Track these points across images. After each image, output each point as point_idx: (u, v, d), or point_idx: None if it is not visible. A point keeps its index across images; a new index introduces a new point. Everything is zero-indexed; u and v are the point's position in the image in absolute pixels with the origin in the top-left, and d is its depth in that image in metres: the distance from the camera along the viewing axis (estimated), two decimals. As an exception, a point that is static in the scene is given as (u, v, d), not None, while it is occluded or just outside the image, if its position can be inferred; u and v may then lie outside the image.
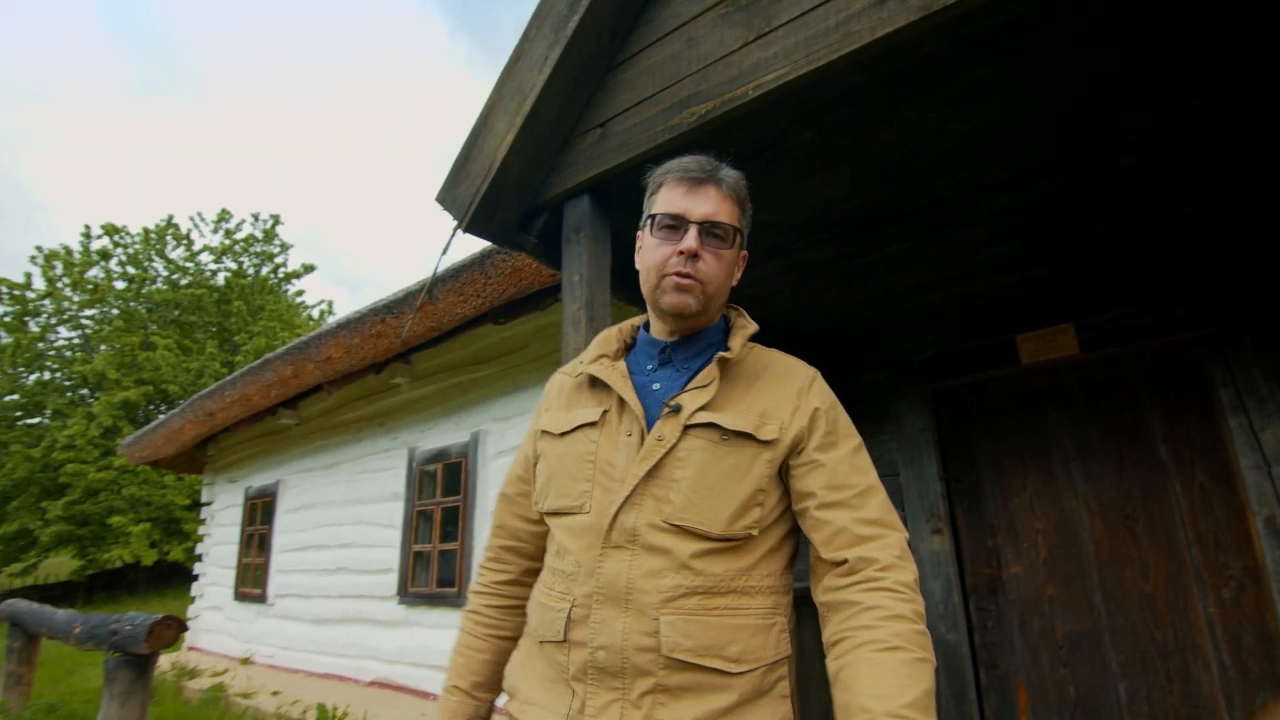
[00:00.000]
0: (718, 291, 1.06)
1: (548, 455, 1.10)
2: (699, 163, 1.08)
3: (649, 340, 1.13)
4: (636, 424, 1.03)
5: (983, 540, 2.77)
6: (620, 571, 0.96)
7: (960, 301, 2.60)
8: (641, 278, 1.10)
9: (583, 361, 1.13)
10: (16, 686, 5.01)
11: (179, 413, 6.28)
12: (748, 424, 1.01)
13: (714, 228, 1.05)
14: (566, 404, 1.13)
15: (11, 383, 16.40)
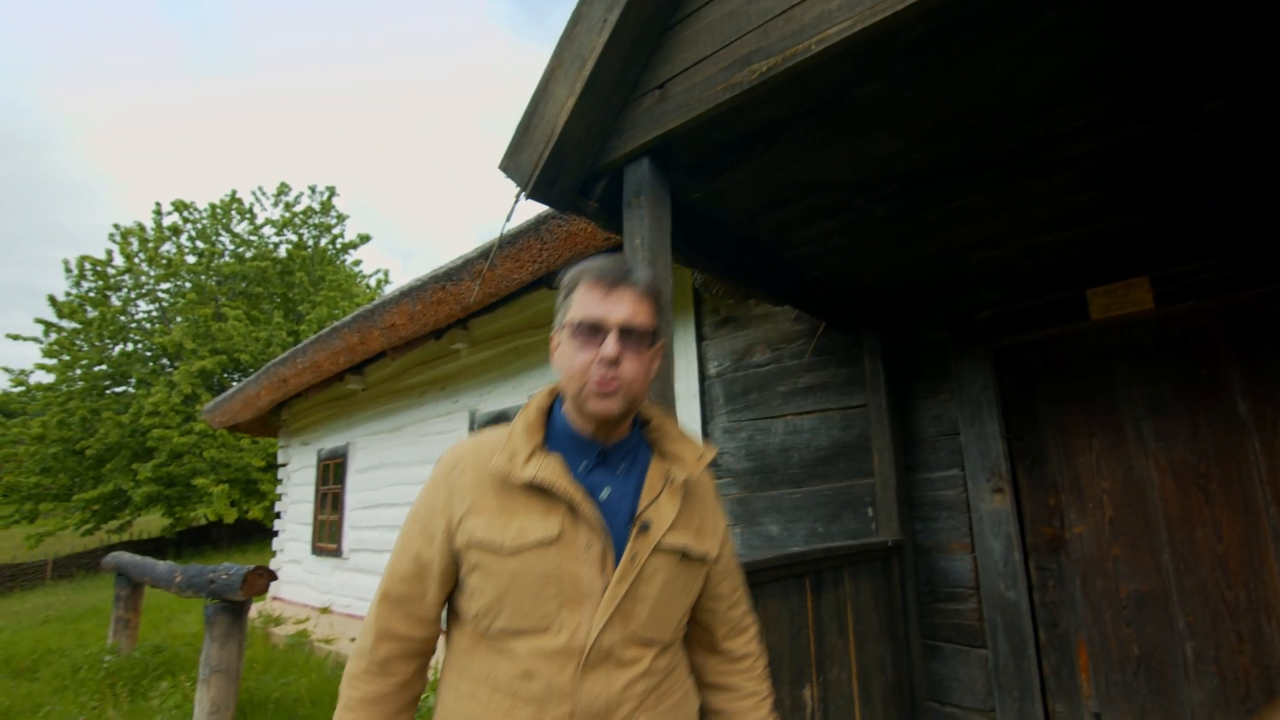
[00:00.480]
0: (640, 392, 1.09)
1: (491, 571, 1.02)
2: (613, 266, 1.09)
3: (577, 437, 1.10)
4: (597, 538, 1.03)
5: (1044, 500, 2.74)
6: (600, 691, 1.01)
7: (1027, 256, 2.52)
8: (562, 380, 1.09)
9: (515, 458, 1.04)
10: (125, 630, 5.51)
11: (255, 379, 6.64)
12: (703, 545, 1.14)
13: (633, 330, 1.05)
14: (500, 507, 1.04)
15: (100, 354, 17.54)
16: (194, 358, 16.80)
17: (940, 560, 2.76)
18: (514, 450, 1.04)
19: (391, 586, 1.09)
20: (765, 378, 3.39)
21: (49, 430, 16.47)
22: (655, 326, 1.11)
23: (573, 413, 1.10)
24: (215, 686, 3.49)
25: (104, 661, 5.04)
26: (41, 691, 4.94)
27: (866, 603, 2.48)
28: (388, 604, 1.08)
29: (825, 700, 2.13)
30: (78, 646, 6.67)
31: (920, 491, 2.85)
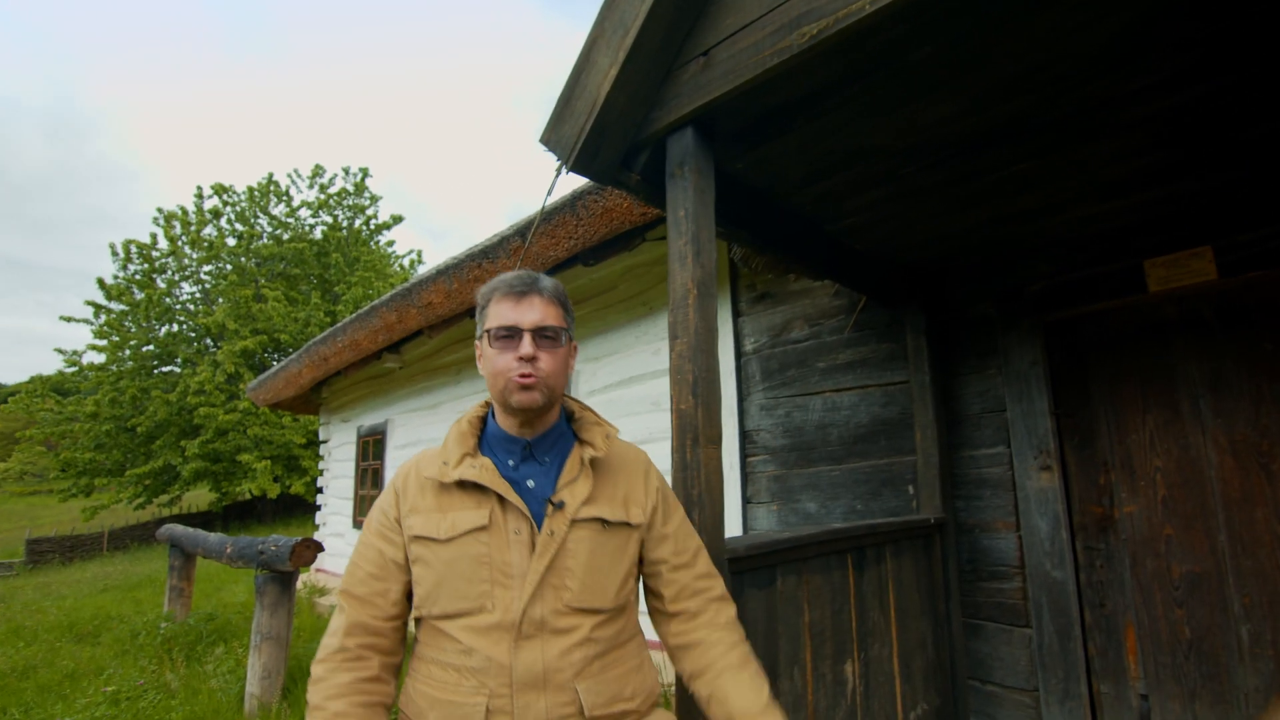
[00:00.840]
0: (558, 384, 1.23)
1: (430, 561, 1.15)
2: (520, 278, 1.24)
3: (505, 437, 1.25)
4: (524, 522, 1.16)
5: (1094, 478, 2.66)
6: (535, 659, 1.11)
7: (1082, 225, 2.43)
8: (488, 382, 1.23)
9: (447, 463, 1.19)
10: (179, 599, 5.75)
11: (296, 358, 6.80)
12: (622, 513, 1.24)
13: (545, 331, 1.21)
14: (437, 505, 1.18)
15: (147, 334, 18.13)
16: (236, 338, 17.27)
17: (983, 539, 2.71)
18: (447, 457, 1.20)
19: (355, 587, 1.20)
20: (803, 354, 3.35)
21: (102, 408, 17.15)
22: (565, 327, 1.26)
23: (500, 413, 1.25)
24: (266, 652, 3.62)
25: (160, 628, 5.27)
26: (103, 655, 5.20)
27: (908, 580, 2.45)
28: (355, 603, 1.19)
29: (867, 676, 2.13)
30: (135, 613, 6.99)
31: (963, 469, 2.80)
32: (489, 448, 1.25)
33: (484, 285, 1.28)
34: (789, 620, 1.84)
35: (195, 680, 4.16)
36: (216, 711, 3.60)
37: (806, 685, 1.87)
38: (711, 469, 1.55)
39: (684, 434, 1.57)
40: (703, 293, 1.62)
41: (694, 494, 1.53)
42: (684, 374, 1.59)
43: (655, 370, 3.90)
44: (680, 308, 1.63)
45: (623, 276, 4.16)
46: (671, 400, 1.61)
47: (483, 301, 1.26)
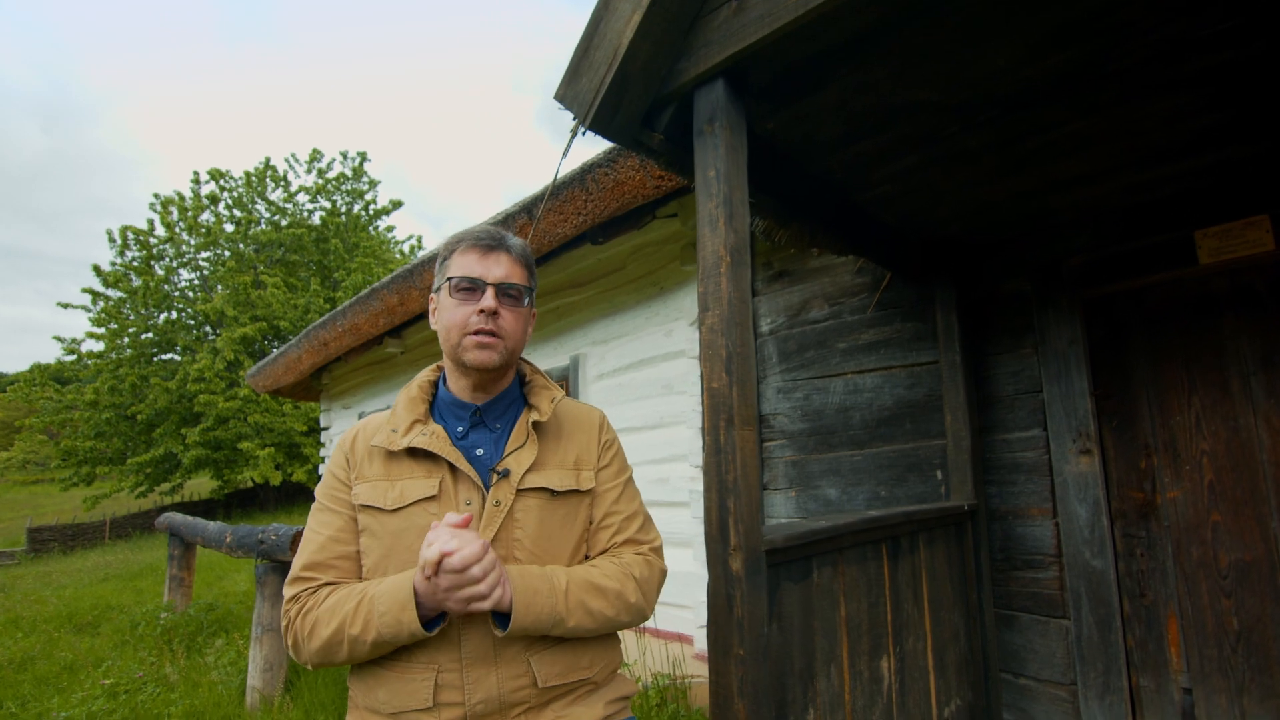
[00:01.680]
0: (516, 345, 1.18)
1: (377, 532, 1.09)
2: (489, 233, 1.18)
3: (456, 402, 1.19)
4: (476, 491, 1.11)
5: (1135, 462, 2.53)
6: (485, 634, 1.06)
7: (1131, 193, 2.28)
8: (441, 337, 1.17)
9: (396, 430, 1.13)
10: (179, 588, 5.65)
11: (295, 343, 6.66)
12: (572, 480, 1.19)
13: (509, 289, 1.16)
14: (385, 473, 1.12)
15: (145, 322, 17.99)
16: (235, 325, 17.13)
17: (1017, 526, 2.58)
18: (396, 424, 1.14)
19: (314, 554, 1.11)
20: (823, 334, 3.21)
21: (101, 396, 17.05)
22: (529, 287, 1.20)
23: (453, 376, 1.19)
24: (268, 645, 3.51)
25: (160, 618, 5.18)
26: (103, 646, 5.10)
27: (941, 570, 2.33)
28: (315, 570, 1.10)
29: (902, 672, 2.01)
30: (136, 603, 6.91)
31: (995, 453, 2.66)
32: (439, 414, 1.20)
33: (447, 239, 1.22)
34: (825, 615, 1.71)
35: (195, 672, 4.06)
36: (217, 705, 3.50)
37: (844, 684, 1.75)
38: (747, 453, 1.42)
39: (717, 415, 1.43)
40: (736, 260, 1.48)
41: (729, 480, 1.40)
42: (716, 349, 1.45)
43: (667, 353, 3.76)
44: (711, 277, 1.49)
45: (631, 256, 4.01)
46: (702, 378, 1.47)
47: (445, 252, 1.20)
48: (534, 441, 1.18)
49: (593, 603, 1.11)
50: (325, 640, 1.01)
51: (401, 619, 0.98)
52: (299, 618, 1.05)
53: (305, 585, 1.08)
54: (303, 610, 1.06)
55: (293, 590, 1.08)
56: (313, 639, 1.03)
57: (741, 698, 1.35)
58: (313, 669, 1.11)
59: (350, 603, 1.02)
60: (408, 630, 0.98)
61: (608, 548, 1.24)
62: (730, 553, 1.38)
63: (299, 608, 1.06)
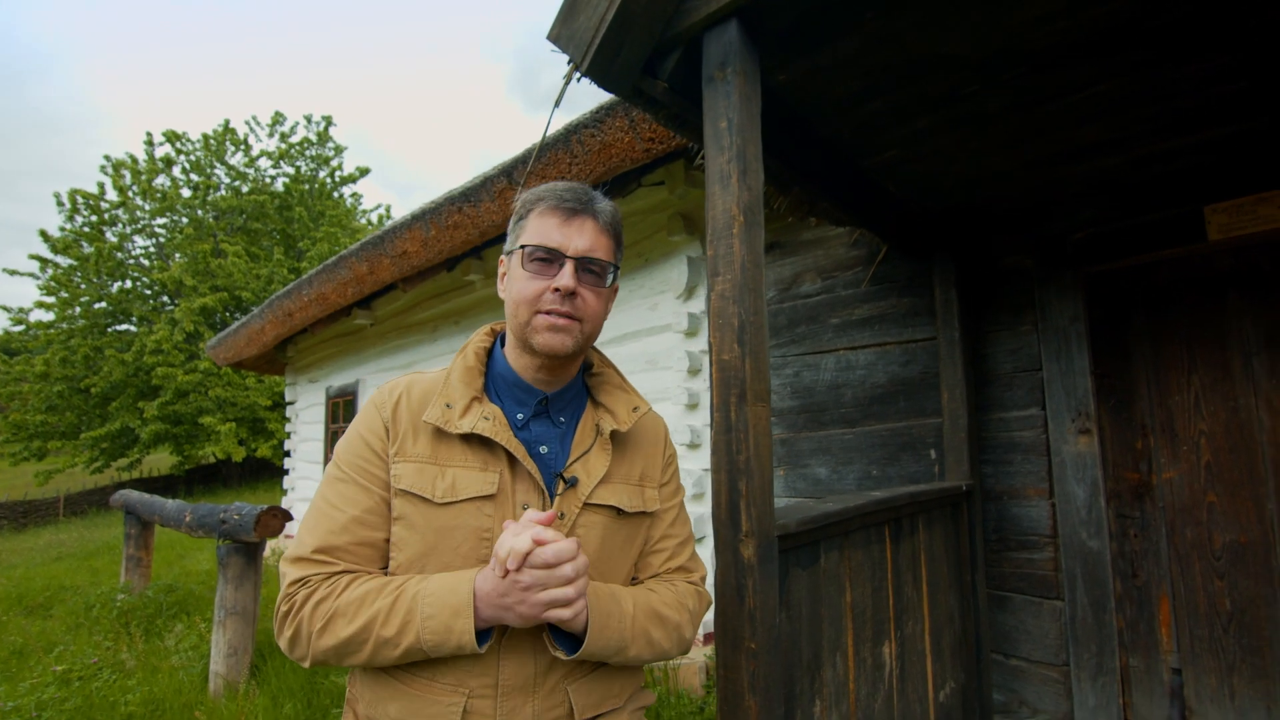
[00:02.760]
0: (594, 330, 1.02)
1: (418, 525, 0.92)
2: (574, 192, 1.01)
3: (519, 383, 1.03)
4: (536, 495, 0.97)
5: (1130, 442, 2.49)
6: (526, 661, 0.93)
7: (1142, 166, 2.20)
8: (509, 310, 1.01)
9: (452, 406, 0.95)
10: (137, 569, 5.41)
11: (258, 313, 6.37)
12: (638, 499, 1.05)
13: (592, 264, 0.99)
14: (433, 454, 0.94)
15: (98, 291, 17.23)
16: (194, 295, 16.49)
17: (1012, 506, 2.54)
18: (450, 397, 0.96)
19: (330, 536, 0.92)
20: (815, 309, 3.11)
21: (52, 368, 16.33)
22: (615, 264, 1.04)
23: (515, 352, 1.03)
24: (231, 629, 3.35)
25: (116, 600, 4.95)
26: (55, 630, 4.87)
27: (939, 551, 2.27)
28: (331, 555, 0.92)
29: (903, 657, 1.94)
30: (91, 584, 6.64)
31: (991, 432, 2.60)
32: (495, 392, 1.03)
33: (526, 191, 1.04)
34: (831, 601, 1.62)
35: (154, 657, 3.87)
36: (178, 692, 3.33)
37: (849, 672, 1.67)
38: (761, 431, 1.31)
39: (727, 389, 1.31)
40: (749, 220, 1.35)
41: (740, 460, 1.28)
42: (727, 317, 1.33)
43: (652, 327, 3.63)
44: (722, 238, 1.35)
45: (616, 225, 3.85)
46: (711, 350, 1.35)
47: (522, 210, 1.03)
48: (605, 449, 1.04)
49: (655, 632, 0.99)
50: (344, 639, 0.84)
51: (453, 626, 0.82)
52: (309, 607, 0.86)
53: (318, 569, 0.89)
54: (315, 599, 0.87)
55: (300, 572, 0.89)
56: (326, 634, 0.85)
57: (753, 694, 1.25)
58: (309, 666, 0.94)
59: (385, 598, 0.85)
60: (456, 640, 0.83)
61: (659, 573, 1.11)
62: (742, 539, 1.27)
63: (309, 595, 0.87)
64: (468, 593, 0.83)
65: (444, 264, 4.59)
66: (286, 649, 0.90)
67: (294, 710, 3.03)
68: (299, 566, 0.90)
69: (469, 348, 1.05)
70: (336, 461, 0.97)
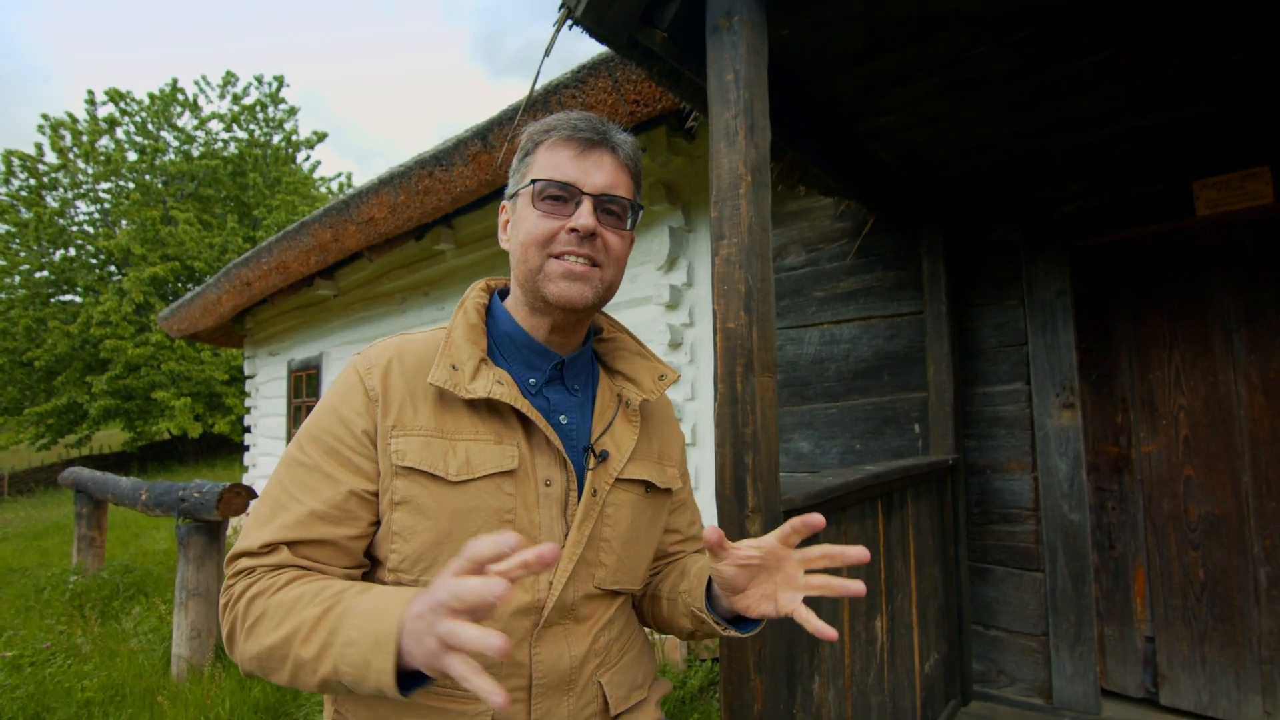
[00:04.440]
0: (615, 280, 0.89)
1: (428, 509, 0.78)
2: (589, 122, 0.88)
3: (529, 344, 0.89)
4: (559, 470, 0.86)
5: (1111, 417, 2.52)
6: (561, 654, 0.84)
7: (1133, 139, 2.18)
8: (516, 257, 0.87)
9: (458, 368, 0.81)
10: (90, 549, 5.18)
11: (214, 283, 6.09)
12: (665, 476, 0.97)
13: (613, 201, 0.86)
14: (438, 426, 0.80)
15: (39, 258, 16.35)
16: (144, 264, 15.74)
17: (995, 480, 2.55)
18: (456, 358, 0.82)
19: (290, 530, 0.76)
20: (799, 282, 3.06)
21: (-10, 340, 15.50)
22: (637, 204, 0.90)
23: (523, 310, 0.90)
24: (194, 610, 3.21)
25: (69, 582, 4.73)
26: (3, 613, 4.64)
27: (925, 525, 2.26)
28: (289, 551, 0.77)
29: (893, 630, 1.93)
30: (40, 565, 6.36)
31: (975, 407, 2.60)
32: (500, 353, 0.89)
33: (532, 123, 0.90)
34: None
35: (112, 641, 3.71)
36: (138, 676, 3.20)
37: (845, 648, 1.64)
38: (767, 403, 1.25)
39: (732, 359, 1.25)
40: (757, 180, 1.27)
41: (747, 434, 1.22)
42: (733, 283, 1.25)
43: (631, 299, 3.55)
44: (728, 199, 1.28)
45: (595, 194, 3.73)
46: (715, 318, 1.28)
47: (529, 144, 0.88)
48: (632, 422, 0.93)
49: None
50: (266, 648, 0.70)
51: (371, 660, 0.62)
52: (244, 601, 0.73)
53: (264, 560, 0.76)
54: (251, 593, 0.73)
55: (246, 562, 0.76)
56: (251, 638, 0.72)
57: (759, 673, 1.21)
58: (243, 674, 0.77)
59: (314, 607, 0.69)
60: (374, 680, 0.62)
61: (671, 553, 1.06)
62: (748, 515, 1.22)
63: (247, 586, 0.74)
64: (397, 617, 0.62)
65: (413, 232, 4.41)
66: (226, 648, 0.77)
67: (263, 692, 2.93)
68: (247, 555, 0.77)
69: (468, 303, 0.90)
70: (300, 441, 0.81)
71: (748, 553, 0.78)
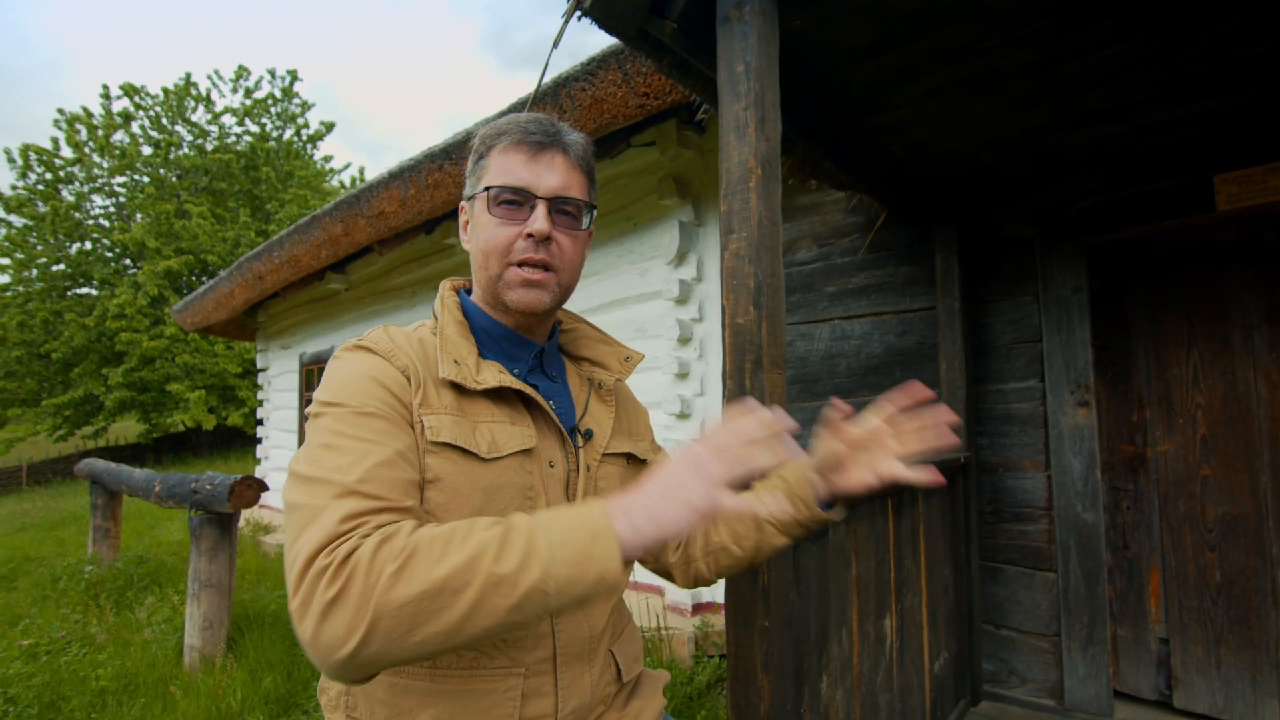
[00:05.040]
0: (571, 281, 0.93)
1: (460, 486, 0.77)
2: (539, 124, 0.89)
3: (509, 335, 0.93)
4: (560, 451, 0.91)
5: (1126, 415, 2.48)
6: (580, 623, 0.86)
7: (1153, 134, 2.14)
8: (476, 262, 0.90)
9: (461, 363, 0.83)
10: (105, 540, 5.25)
11: (227, 276, 6.13)
12: (642, 448, 1.04)
13: (566, 203, 0.88)
14: (460, 409, 0.81)
15: (56, 252, 16.54)
16: (158, 257, 15.90)
17: (1007, 479, 2.52)
18: (456, 354, 0.85)
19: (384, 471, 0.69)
20: (810, 277, 3.03)
21: (9, 333, 15.71)
22: (590, 203, 0.93)
23: (488, 308, 0.93)
24: (206, 601, 3.24)
25: (85, 572, 4.79)
26: (20, 602, 4.71)
27: (935, 523, 2.24)
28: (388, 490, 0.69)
29: (902, 630, 1.92)
30: (57, 555, 6.44)
31: (988, 404, 2.57)
32: (483, 347, 0.92)
33: (485, 128, 0.92)
34: (839, 576, 1.57)
35: (126, 630, 3.76)
36: (151, 666, 3.23)
37: (853, 647, 1.63)
38: (777, 400, 1.23)
39: (741, 355, 1.23)
40: (767, 174, 1.25)
41: (755, 432, 1.21)
42: (742, 278, 1.24)
43: (641, 293, 3.53)
44: (737, 193, 1.26)
45: (604, 188, 3.71)
46: (724, 313, 1.26)
47: (481, 148, 0.91)
48: (606, 402, 1.01)
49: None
50: (435, 582, 0.59)
51: (592, 551, 0.62)
52: (367, 547, 0.61)
53: (373, 506, 0.66)
54: (376, 538, 0.61)
55: (349, 506, 0.64)
56: (403, 580, 0.59)
57: (767, 673, 1.20)
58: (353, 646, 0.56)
59: (493, 529, 0.63)
60: (597, 568, 0.62)
61: None
62: (755, 514, 1.20)
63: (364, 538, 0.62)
64: (602, 512, 0.65)
65: (423, 226, 4.42)
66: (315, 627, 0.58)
67: (274, 683, 2.95)
68: (346, 500, 0.65)
69: (448, 303, 0.93)
70: (345, 399, 0.74)
71: (858, 431, 0.91)
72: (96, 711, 2.92)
